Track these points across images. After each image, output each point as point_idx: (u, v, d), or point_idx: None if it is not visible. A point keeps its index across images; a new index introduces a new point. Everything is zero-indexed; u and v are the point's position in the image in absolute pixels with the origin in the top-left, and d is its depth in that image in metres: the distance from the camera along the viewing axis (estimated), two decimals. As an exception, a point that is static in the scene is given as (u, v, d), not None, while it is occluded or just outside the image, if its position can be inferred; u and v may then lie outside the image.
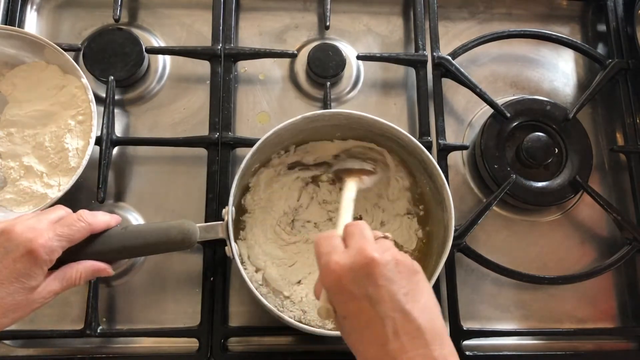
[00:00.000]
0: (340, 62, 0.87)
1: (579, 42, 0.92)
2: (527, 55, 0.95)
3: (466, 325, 0.80)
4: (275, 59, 0.90)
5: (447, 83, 0.88)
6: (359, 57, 0.88)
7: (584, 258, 0.87)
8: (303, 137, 0.81)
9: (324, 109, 0.84)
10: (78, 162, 0.78)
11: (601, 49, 0.95)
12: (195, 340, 0.77)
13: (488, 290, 0.85)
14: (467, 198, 0.88)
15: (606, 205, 0.84)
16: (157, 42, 0.90)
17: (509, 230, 0.87)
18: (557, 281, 0.82)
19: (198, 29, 0.91)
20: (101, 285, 0.80)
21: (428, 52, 0.88)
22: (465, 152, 0.89)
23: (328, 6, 0.89)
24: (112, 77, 0.84)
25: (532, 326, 0.84)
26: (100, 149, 0.81)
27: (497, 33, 0.90)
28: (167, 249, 0.72)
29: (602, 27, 0.95)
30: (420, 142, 0.75)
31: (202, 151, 0.83)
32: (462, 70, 0.87)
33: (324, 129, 0.80)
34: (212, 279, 0.79)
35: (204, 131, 0.84)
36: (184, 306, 0.81)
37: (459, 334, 0.80)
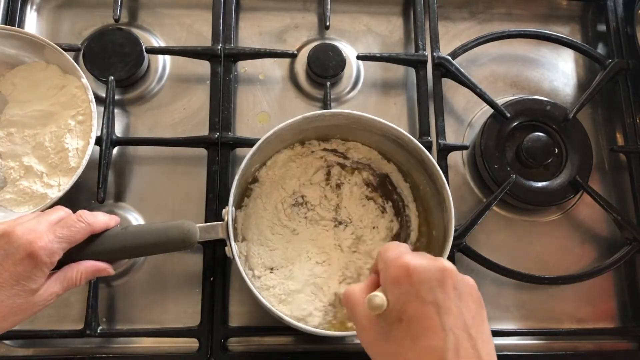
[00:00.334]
0: (340, 62, 0.86)
1: (579, 42, 0.91)
2: (527, 55, 0.94)
3: None
4: (275, 59, 0.90)
5: (447, 83, 0.88)
6: (359, 57, 0.87)
7: (584, 258, 0.86)
8: (304, 137, 0.81)
9: (324, 109, 0.84)
10: (78, 162, 0.77)
11: (601, 49, 0.94)
12: (195, 340, 0.77)
13: (488, 290, 0.84)
14: (467, 198, 0.87)
15: (606, 205, 0.84)
16: (157, 42, 0.90)
17: (509, 230, 0.86)
18: (557, 281, 0.82)
19: (198, 29, 0.90)
20: (101, 285, 0.79)
21: (428, 52, 0.87)
22: (465, 152, 0.88)
23: (328, 6, 0.88)
24: (112, 77, 0.83)
25: (532, 326, 0.83)
26: (100, 149, 0.80)
27: (497, 33, 0.89)
28: (167, 249, 0.71)
29: (602, 27, 0.95)
30: (420, 142, 0.74)
31: (202, 151, 0.82)
32: (462, 70, 0.86)
33: (324, 129, 0.79)
34: (212, 279, 0.78)
35: (204, 131, 0.83)
36: (184, 306, 0.80)
37: None
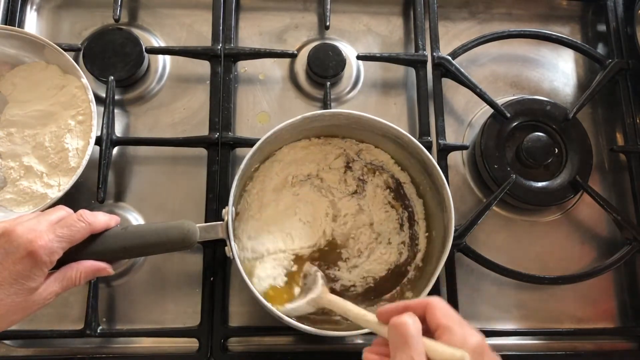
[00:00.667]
0: (340, 62, 0.86)
1: (579, 42, 0.91)
2: (527, 55, 0.94)
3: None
4: (275, 59, 0.90)
5: (447, 83, 0.88)
6: (359, 57, 0.88)
7: (584, 258, 0.87)
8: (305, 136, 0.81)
9: (324, 109, 0.84)
10: (78, 162, 0.78)
11: (601, 49, 0.95)
12: (195, 340, 0.77)
13: (488, 290, 0.84)
14: (467, 198, 0.88)
15: (606, 205, 0.84)
16: (157, 42, 0.90)
17: (509, 230, 0.87)
18: (557, 281, 0.82)
19: (198, 29, 0.90)
20: (101, 285, 0.80)
21: (428, 52, 0.88)
22: (465, 152, 0.89)
23: (328, 6, 0.89)
24: (112, 77, 0.84)
25: (532, 326, 0.83)
26: (100, 149, 0.80)
27: (497, 33, 0.90)
28: (167, 249, 0.71)
29: (602, 27, 0.95)
30: (420, 142, 0.74)
31: (202, 151, 0.83)
32: (462, 70, 0.87)
33: (324, 129, 0.80)
34: (212, 279, 0.78)
35: (204, 131, 0.83)
36: (184, 306, 0.80)
37: None
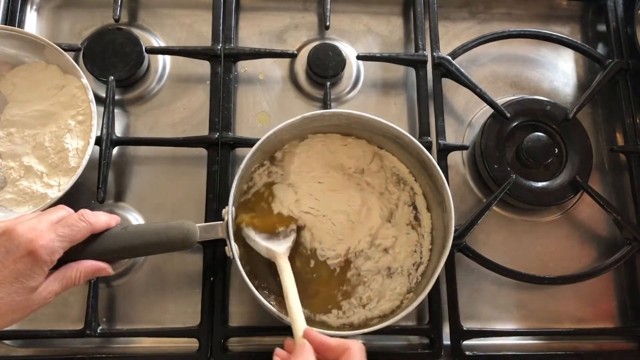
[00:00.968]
0: (340, 62, 0.87)
1: (579, 42, 0.92)
2: (527, 55, 0.95)
3: (466, 325, 0.80)
4: (275, 59, 0.91)
5: (447, 83, 0.88)
6: (359, 57, 0.88)
7: (584, 258, 0.87)
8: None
9: (324, 109, 0.84)
10: (78, 162, 0.78)
11: (601, 49, 0.95)
12: (195, 340, 0.77)
13: (488, 290, 0.85)
14: (467, 198, 0.88)
15: (606, 205, 0.84)
16: (157, 42, 0.91)
17: (509, 230, 0.87)
18: (557, 281, 0.83)
19: (198, 29, 0.91)
20: (101, 285, 0.80)
21: (428, 52, 0.88)
22: (465, 152, 0.89)
23: (328, 6, 0.89)
24: (112, 77, 0.84)
25: (532, 326, 0.84)
26: (100, 149, 0.81)
27: (497, 33, 0.90)
28: (167, 249, 0.72)
29: (602, 27, 0.96)
30: (420, 142, 0.75)
31: (202, 151, 0.83)
32: (462, 70, 0.87)
33: (324, 129, 0.80)
34: (212, 279, 0.79)
35: (204, 131, 0.84)
36: (184, 306, 0.80)
37: (459, 334, 0.80)
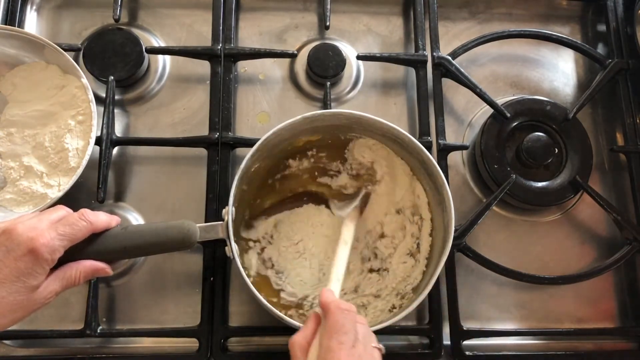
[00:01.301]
0: (340, 62, 0.87)
1: (579, 42, 0.92)
2: (527, 55, 0.95)
3: (466, 325, 0.80)
4: (275, 59, 0.91)
5: (447, 83, 0.89)
6: (359, 57, 0.88)
7: (584, 258, 0.88)
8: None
9: (324, 109, 0.85)
10: (78, 162, 0.78)
11: (601, 49, 0.95)
12: (195, 340, 0.78)
13: (488, 290, 0.85)
14: (467, 198, 0.88)
15: (606, 205, 0.85)
16: (157, 42, 0.91)
17: (509, 230, 0.88)
18: (557, 281, 0.83)
19: (198, 29, 0.91)
20: (101, 285, 0.80)
21: (428, 52, 0.89)
22: (465, 152, 0.89)
23: (328, 6, 0.90)
24: (112, 77, 0.84)
25: (532, 326, 0.84)
26: (100, 149, 0.81)
27: (497, 33, 0.90)
28: (167, 249, 0.72)
29: (602, 27, 0.96)
30: (420, 142, 0.75)
31: (202, 151, 0.83)
32: (462, 70, 0.87)
33: (324, 129, 0.80)
34: (212, 279, 0.79)
35: (204, 131, 0.84)
36: (184, 306, 0.81)
37: (459, 334, 0.80)
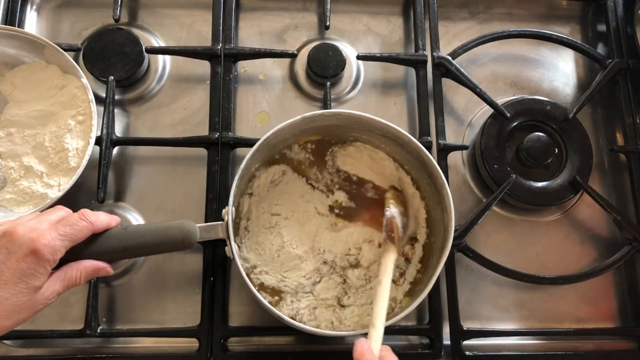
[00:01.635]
0: (340, 62, 0.88)
1: (579, 42, 0.93)
2: (527, 55, 0.96)
3: (466, 325, 0.81)
4: (275, 59, 0.92)
5: (447, 83, 0.89)
6: (359, 57, 0.89)
7: (584, 258, 0.88)
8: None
9: (324, 109, 0.85)
10: (78, 162, 0.79)
11: (601, 49, 0.96)
12: (195, 340, 0.78)
13: (488, 290, 0.86)
14: (467, 198, 0.89)
15: (606, 205, 0.85)
16: (157, 42, 0.91)
17: (509, 230, 0.88)
18: (557, 281, 0.83)
19: (198, 29, 0.92)
20: (101, 285, 0.81)
21: (428, 52, 0.89)
22: (465, 152, 0.90)
23: (328, 6, 0.90)
24: (112, 77, 0.85)
25: (532, 326, 0.85)
26: (100, 149, 0.82)
27: (497, 33, 0.91)
28: (168, 249, 0.72)
29: (602, 27, 0.96)
30: (420, 142, 0.75)
31: (202, 151, 0.84)
32: (462, 70, 0.88)
33: (324, 129, 0.80)
34: (212, 279, 0.80)
35: (204, 131, 0.84)
36: (184, 306, 0.81)
37: (459, 334, 0.81)
